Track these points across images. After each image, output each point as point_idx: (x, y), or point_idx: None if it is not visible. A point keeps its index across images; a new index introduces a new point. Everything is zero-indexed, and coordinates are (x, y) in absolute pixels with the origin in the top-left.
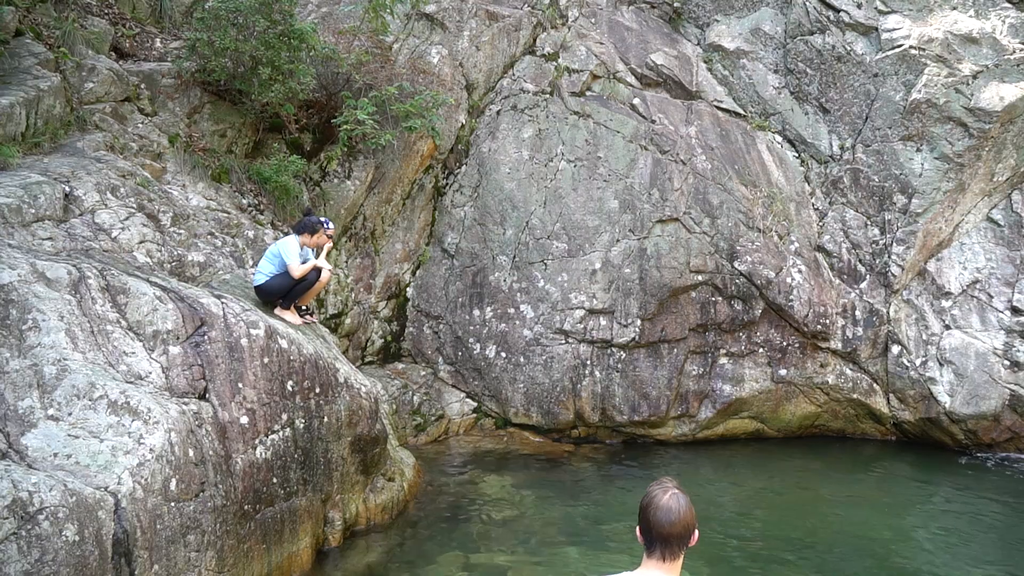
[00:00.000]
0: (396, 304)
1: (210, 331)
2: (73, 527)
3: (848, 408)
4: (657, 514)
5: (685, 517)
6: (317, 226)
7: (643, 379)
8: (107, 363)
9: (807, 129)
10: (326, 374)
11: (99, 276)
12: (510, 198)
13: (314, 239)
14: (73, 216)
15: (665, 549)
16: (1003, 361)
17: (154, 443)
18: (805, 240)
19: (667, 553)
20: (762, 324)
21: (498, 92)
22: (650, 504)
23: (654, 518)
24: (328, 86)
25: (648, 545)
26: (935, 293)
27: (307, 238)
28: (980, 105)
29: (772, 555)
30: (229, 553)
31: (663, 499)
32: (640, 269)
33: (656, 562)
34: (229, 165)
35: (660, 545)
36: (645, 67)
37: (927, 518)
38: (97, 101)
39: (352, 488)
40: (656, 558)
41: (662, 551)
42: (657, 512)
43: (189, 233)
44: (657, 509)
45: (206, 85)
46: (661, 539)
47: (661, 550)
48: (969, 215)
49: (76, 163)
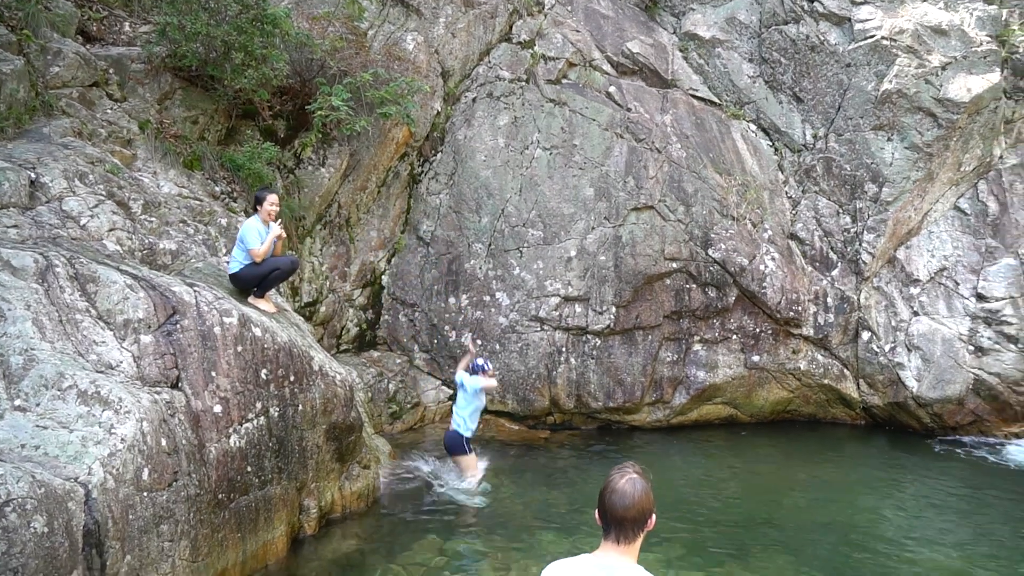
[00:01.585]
0: (371, 292)
1: (182, 320)
2: (42, 519)
3: (819, 393)
4: (612, 498)
5: (640, 502)
6: (263, 195)
7: (618, 366)
8: (76, 352)
9: (781, 118)
10: (300, 362)
11: (67, 264)
12: (486, 186)
13: (266, 208)
14: (39, 203)
15: (620, 532)
16: (968, 346)
17: (125, 433)
18: (778, 228)
19: (621, 536)
20: (735, 311)
21: (474, 79)
22: (607, 488)
23: (609, 502)
24: (302, 72)
25: (604, 528)
26: (904, 280)
27: (261, 211)
28: (948, 96)
29: (744, 537)
30: (203, 542)
31: (619, 483)
32: (615, 257)
33: (612, 544)
34: (201, 152)
35: (615, 528)
36: (621, 55)
37: (894, 500)
38: (63, 86)
39: (327, 476)
40: (611, 540)
41: (617, 534)
42: (613, 496)
43: (160, 221)
44: (613, 493)
45: (177, 71)
46: (616, 522)
47: (616, 533)
48: (937, 204)
49: (42, 149)
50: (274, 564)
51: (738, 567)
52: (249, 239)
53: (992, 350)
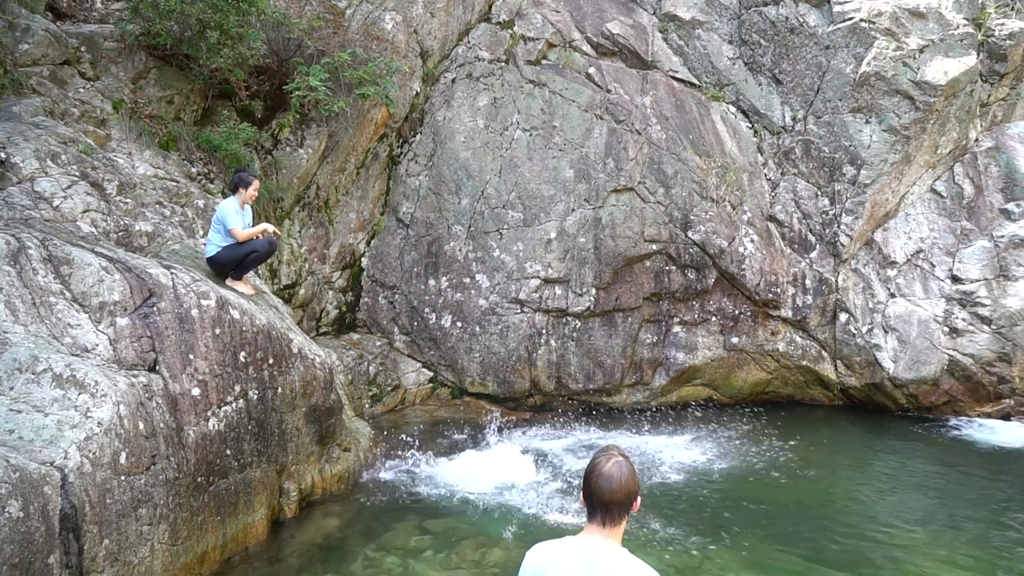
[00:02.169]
0: (351, 274)
1: (159, 302)
2: (17, 503)
3: (798, 375)
4: (599, 481)
5: (627, 485)
6: (250, 179)
7: (598, 348)
8: (51, 336)
9: (760, 100)
10: (279, 345)
11: (40, 246)
12: (465, 167)
13: (248, 193)
14: (10, 184)
15: (606, 515)
16: (943, 328)
17: (102, 416)
18: (757, 210)
19: (607, 519)
20: (715, 293)
21: (453, 60)
22: (593, 471)
23: (596, 485)
24: (279, 52)
25: (590, 511)
26: (881, 262)
27: (243, 194)
28: (926, 79)
29: (722, 518)
30: (182, 526)
31: (606, 466)
32: (595, 238)
33: (597, 527)
34: (177, 132)
35: (601, 511)
36: (601, 36)
37: (871, 479)
38: (34, 64)
39: (307, 459)
40: (597, 523)
41: (603, 517)
42: (599, 479)
43: (136, 202)
44: (600, 476)
45: (151, 49)
46: (602, 505)
47: (602, 516)
48: (914, 186)
49: (12, 128)
50: (254, 547)
51: (716, 547)
52: (231, 220)
53: (966, 331)
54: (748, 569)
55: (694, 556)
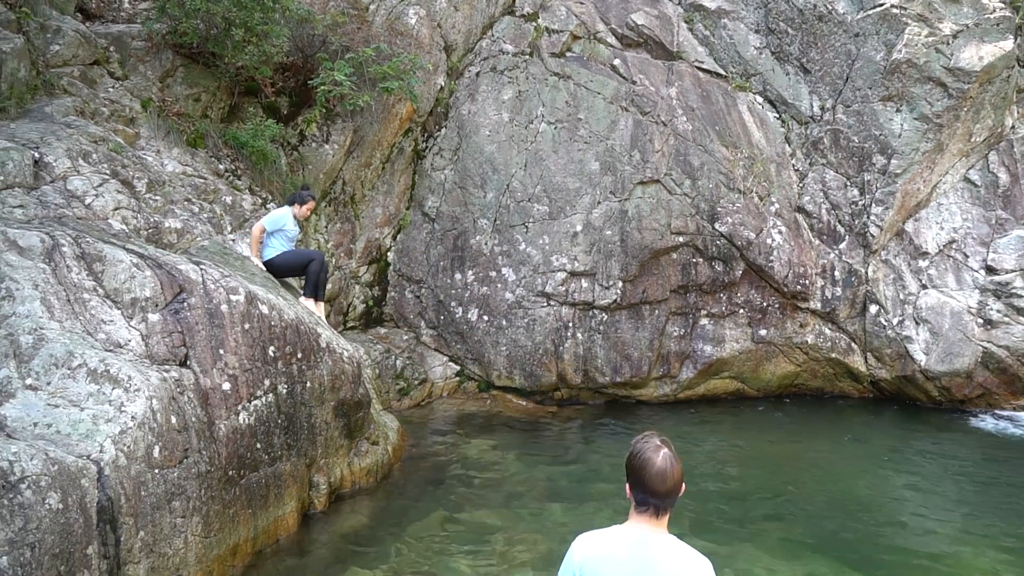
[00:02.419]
0: (377, 269)
1: (189, 298)
2: (56, 495)
3: (827, 367)
4: (652, 477)
5: (677, 475)
6: (307, 198)
7: (625, 340)
8: (85, 331)
9: (788, 90)
10: (308, 339)
11: (74, 244)
12: (490, 161)
13: (302, 210)
14: (44, 183)
15: (659, 508)
16: (977, 320)
17: (136, 411)
18: (785, 201)
19: (661, 511)
20: (742, 285)
21: (477, 53)
22: (643, 466)
23: (648, 480)
24: (304, 48)
25: (641, 503)
26: (912, 253)
27: (297, 208)
28: (960, 65)
29: (750, 512)
30: (215, 518)
31: (656, 460)
32: (621, 231)
33: (648, 518)
34: (204, 130)
35: (655, 504)
36: (626, 27)
37: (902, 473)
38: (64, 64)
39: (336, 452)
40: (649, 515)
41: (656, 509)
42: (652, 475)
43: (165, 199)
44: (651, 470)
45: (178, 47)
46: (656, 497)
47: (655, 508)
48: (947, 175)
49: (45, 128)
50: (285, 539)
51: (744, 542)
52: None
53: (1001, 323)
54: (775, 564)
55: (718, 551)
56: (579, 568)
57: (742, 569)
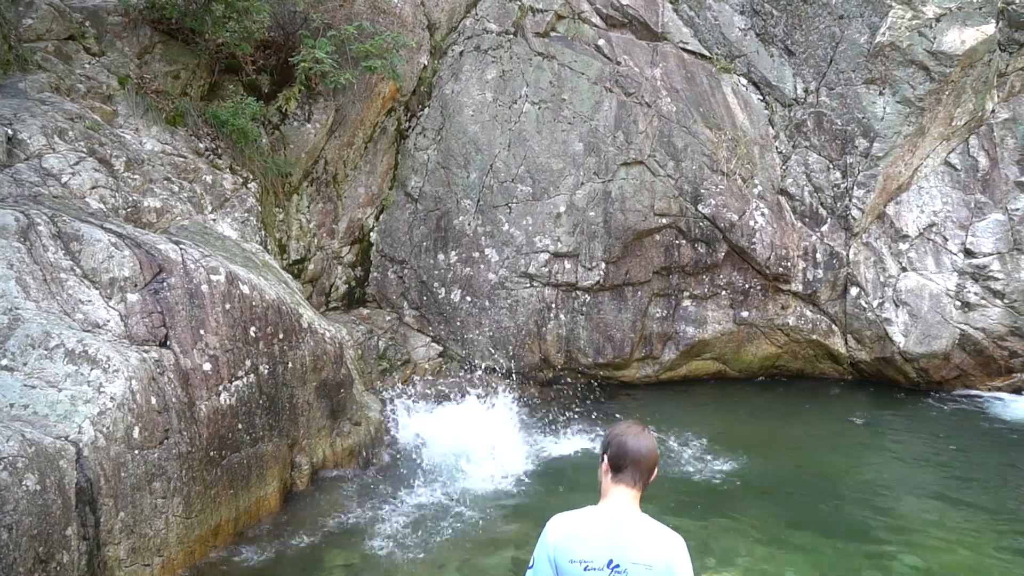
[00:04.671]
0: (360, 249)
1: (169, 278)
2: (34, 476)
3: (807, 349)
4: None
5: (655, 451)
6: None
7: (608, 322)
8: (62, 312)
9: (772, 72)
10: (289, 320)
11: (50, 223)
12: (474, 141)
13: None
14: (18, 161)
15: (636, 472)
16: (955, 302)
17: (115, 391)
18: (768, 183)
19: (638, 477)
20: (725, 267)
21: (461, 32)
22: (624, 434)
23: (629, 446)
24: (285, 25)
25: (618, 471)
26: (893, 236)
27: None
28: (942, 49)
29: (731, 492)
30: (196, 499)
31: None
32: (605, 212)
33: (625, 488)
34: (184, 108)
35: (632, 468)
36: (610, 7)
37: (880, 453)
38: (38, 39)
39: (319, 433)
40: (627, 483)
41: (633, 474)
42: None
43: (144, 178)
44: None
45: (156, 23)
46: (634, 463)
47: (632, 474)
48: (928, 159)
49: (18, 105)
50: (267, 519)
51: (725, 521)
52: None
53: (978, 305)
54: (756, 544)
55: (699, 532)
56: (553, 549)
57: (725, 548)
